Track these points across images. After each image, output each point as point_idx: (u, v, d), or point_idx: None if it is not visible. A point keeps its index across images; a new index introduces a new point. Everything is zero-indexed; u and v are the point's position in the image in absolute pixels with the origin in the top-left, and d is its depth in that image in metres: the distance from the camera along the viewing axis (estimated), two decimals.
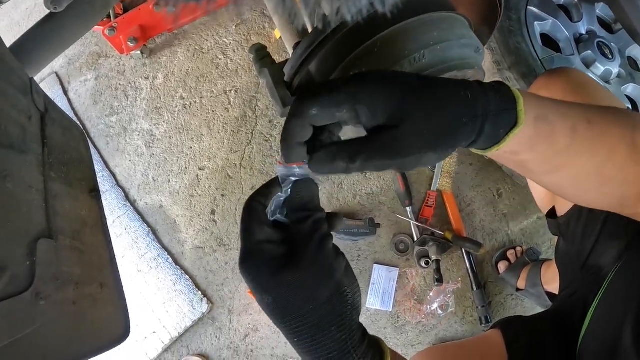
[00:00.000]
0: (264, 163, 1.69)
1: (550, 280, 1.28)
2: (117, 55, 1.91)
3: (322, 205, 0.44)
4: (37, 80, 0.71)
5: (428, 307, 1.48)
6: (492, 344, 0.84)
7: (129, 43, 1.69)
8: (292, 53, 0.64)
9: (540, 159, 0.44)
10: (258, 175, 1.69)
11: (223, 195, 1.70)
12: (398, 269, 1.53)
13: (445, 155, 0.38)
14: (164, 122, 1.80)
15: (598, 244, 0.76)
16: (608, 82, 1.45)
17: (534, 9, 1.45)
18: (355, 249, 1.57)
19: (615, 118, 0.46)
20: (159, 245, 1.67)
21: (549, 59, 1.37)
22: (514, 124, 0.39)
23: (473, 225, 1.56)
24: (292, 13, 0.74)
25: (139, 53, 1.81)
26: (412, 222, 1.54)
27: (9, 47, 0.84)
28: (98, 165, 1.77)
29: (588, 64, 1.44)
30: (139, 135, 1.81)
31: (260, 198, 0.42)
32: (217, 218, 1.68)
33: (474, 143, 0.40)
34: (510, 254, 1.48)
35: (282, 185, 0.42)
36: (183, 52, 1.86)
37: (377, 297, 1.51)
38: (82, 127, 1.82)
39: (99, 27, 1.63)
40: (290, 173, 0.41)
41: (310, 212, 0.40)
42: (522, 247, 1.50)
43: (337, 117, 0.37)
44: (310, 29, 0.72)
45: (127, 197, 1.75)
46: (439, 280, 1.43)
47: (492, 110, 0.38)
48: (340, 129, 0.42)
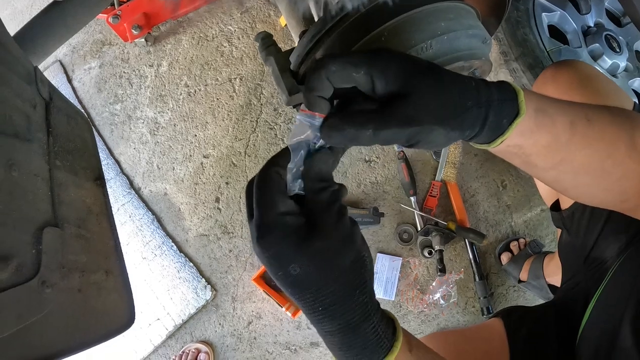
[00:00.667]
0: (269, 151, 1.69)
1: (553, 273, 1.28)
2: (121, 43, 1.90)
3: None
4: (40, 69, 0.71)
5: (430, 296, 1.49)
6: (493, 332, 0.84)
7: (133, 31, 1.69)
8: (298, 42, 0.64)
9: (543, 153, 0.44)
10: (262, 163, 1.69)
11: (227, 183, 1.70)
12: (401, 259, 1.53)
13: (452, 137, 0.39)
14: (169, 109, 1.80)
15: (601, 238, 0.76)
16: (615, 75, 1.44)
17: (542, 0, 1.43)
18: None
19: (614, 118, 0.47)
20: (163, 233, 1.68)
21: (556, 51, 1.35)
22: (516, 114, 0.41)
23: (476, 216, 1.56)
24: (298, 0, 0.73)
25: (143, 41, 1.80)
26: (416, 211, 1.54)
27: (13, 35, 0.84)
28: (102, 153, 1.78)
29: (595, 57, 1.42)
30: (144, 123, 1.81)
31: (278, 168, 0.41)
32: (221, 206, 1.69)
33: (479, 134, 0.41)
34: (513, 246, 1.48)
35: (292, 152, 0.41)
36: (187, 39, 1.85)
37: (380, 286, 1.52)
38: (86, 115, 1.83)
39: (103, 14, 1.62)
40: (310, 122, 0.40)
41: (328, 183, 0.41)
42: (525, 239, 1.49)
43: (354, 78, 0.38)
44: (317, 18, 0.71)
45: (131, 184, 1.76)
46: (442, 271, 1.43)
47: (494, 100, 0.40)
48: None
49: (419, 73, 0.39)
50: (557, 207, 0.89)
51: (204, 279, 1.62)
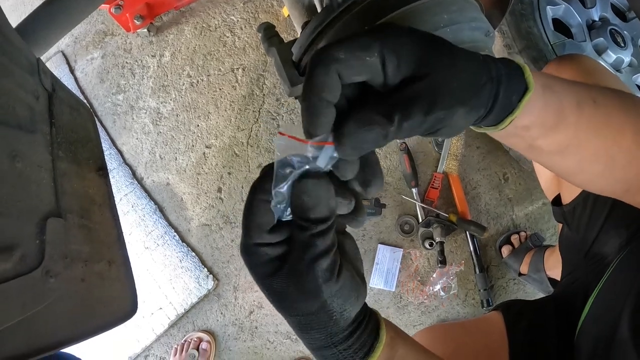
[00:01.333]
0: (271, 141, 1.69)
1: (553, 267, 1.29)
2: (123, 33, 1.90)
3: None
4: (43, 60, 0.71)
5: (431, 288, 1.49)
6: (492, 325, 0.85)
7: (136, 21, 1.68)
8: (300, 32, 0.63)
9: (551, 136, 0.43)
10: (264, 154, 1.70)
11: (229, 173, 1.70)
12: (402, 250, 1.54)
13: (470, 118, 0.36)
14: (171, 100, 1.80)
15: (602, 233, 0.76)
16: (619, 70, 1.43)
17: None
18: (360, 229, 1.58)
19: (621, 103, 0.46)
20: (166, 223, 1.69)
21: (560, 45, 1.34)
22: (525, 90, 0.38)
23: (478, 209, 1.56)
24: None
25: (146, 31, 1.79)
26: (417, 203, 1.54)
27: (15, 27, 0.84)
28: (105, 144, 1.78)
29: (600, 51, 1.41)
30: (146, 113, 1.81)
31: (262, 195, 0.36)
32: (223, 196, 1.69)
33: (490, 113, 0.38)
34: (514, 239, 1.48)
35: (276, 174, 0.34)
36: (190, 29, 1.85)
37: (380, 277, 1.53)
38: (89, 105, 1.83)
39: (105, 5, 1.61)
40: (293, 144, 0.32)
41: (311, 222, 0.35)
42: (526, 232, 1.50)
43: (367, 63, 0.32)
44: (319, 8, 0.71)
45: (134, 175, 1.77)
46: (443, 262, 1.44)
47: (503, 74, 0.37)
48: None
49: (434, 50, 0.34)
50: (558, 201, 0.89)
51: (206, 269, 1.63)
